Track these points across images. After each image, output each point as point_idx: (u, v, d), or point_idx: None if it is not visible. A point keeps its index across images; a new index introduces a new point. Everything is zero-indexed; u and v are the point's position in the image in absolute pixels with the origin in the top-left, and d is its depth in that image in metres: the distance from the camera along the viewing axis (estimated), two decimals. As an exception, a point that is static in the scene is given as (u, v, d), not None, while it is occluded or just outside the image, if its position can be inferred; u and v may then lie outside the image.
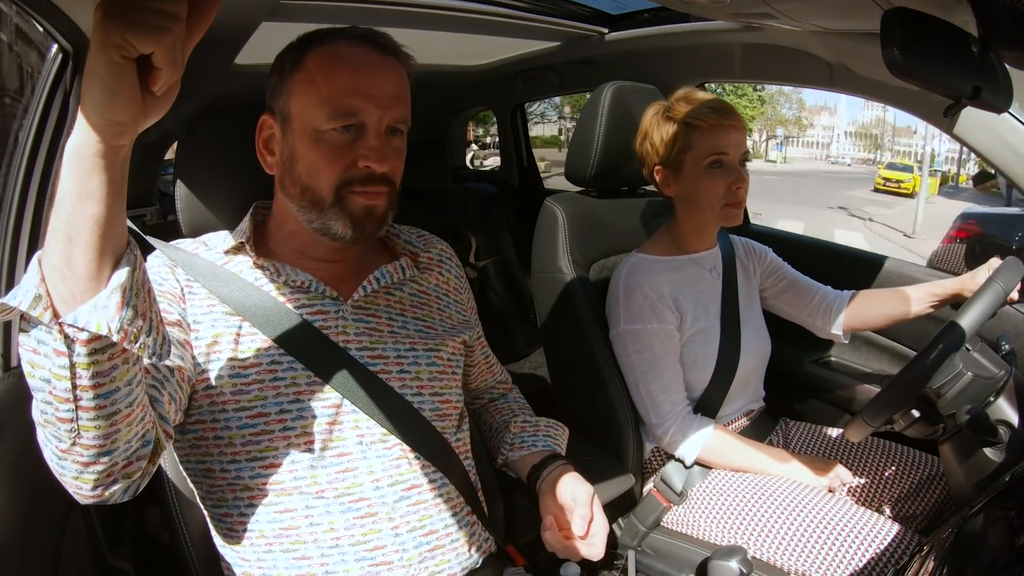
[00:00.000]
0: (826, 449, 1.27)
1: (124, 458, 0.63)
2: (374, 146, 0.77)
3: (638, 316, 1.19)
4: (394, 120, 0.80)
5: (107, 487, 0.64)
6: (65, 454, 0.60)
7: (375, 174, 0.78)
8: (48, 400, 0.57)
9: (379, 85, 0.78)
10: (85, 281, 0.53)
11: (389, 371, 0.83)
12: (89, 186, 0.52)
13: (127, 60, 0.49)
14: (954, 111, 0.77)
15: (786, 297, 1.37)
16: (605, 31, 1.63)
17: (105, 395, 0.57)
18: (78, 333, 0.54)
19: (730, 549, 0.83)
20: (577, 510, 0.85)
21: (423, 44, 1.65)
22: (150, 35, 0.48)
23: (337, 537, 0.76)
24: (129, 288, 0.55)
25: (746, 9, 0.91)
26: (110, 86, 0.49)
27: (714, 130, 1.17)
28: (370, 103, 0.77)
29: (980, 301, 0.94)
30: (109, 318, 0.54)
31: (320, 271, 0.84)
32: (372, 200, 0.80)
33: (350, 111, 0.76)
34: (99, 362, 0.56)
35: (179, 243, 0.85)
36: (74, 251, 0.53)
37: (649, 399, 1.20)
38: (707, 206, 1.20)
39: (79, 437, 0.59)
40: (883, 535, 1.00)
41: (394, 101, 0.79)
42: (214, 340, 0.77)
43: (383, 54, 0.79)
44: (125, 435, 0.61)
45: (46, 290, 0.53)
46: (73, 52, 0.99)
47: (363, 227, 0.80)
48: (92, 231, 0.53)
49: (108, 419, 0.59)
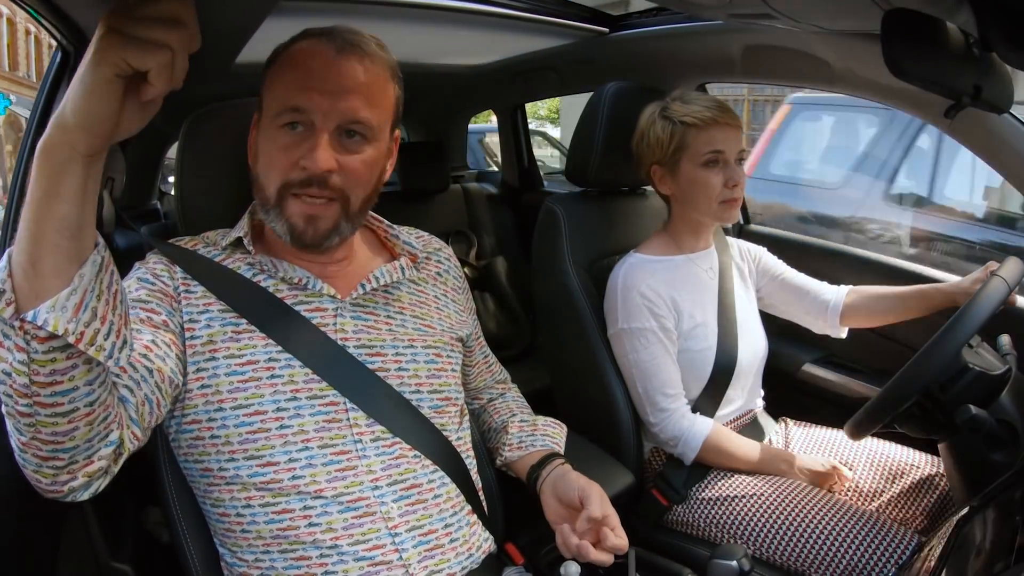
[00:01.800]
0: (826, 449, 1.27)
1: (84, 456, 0.63)
2: (314, 144, 0.74)
3: (635, 316, 1.19)
4: (346, 118, 0.75)
5: (66, 483, 0.64)
6: (25, 447, 0.61)
7: (314, 176, 0.75)
8: (8, 393, 0.58)
9: (328, 81, 0.75)
10: (49, 279, 0.53)
11: (387, 368, 0.83)
12: (58, 186, 0.52)
13: (119, 78, 0.49)
14: (954, 111, 0.77)
15: (782, 297, 1.37)
16: (606, 31, 1.63)
17: (63, 393, 0.58)
18: (36, 331, 0.54)
19: (730, 548, 0.83)
20: (590, 509, 0.82)
21: (423, 44, 1.66)
22: (148, 53, 0.48)
23: (336, 537, 0.75)
24: (90, 290, 0.55)
25: (746, 9, 0.91)
26: (94, 99, 0.50)
27: (709, 128, 1.17)
28: (316, 99, 0.74)
29: (983, 300, 0.93)
30: (67, 319, 0.54)
31: (318, 269, 0.84)
32: (312, 209, 0.76)
33: (296, 107, 0.75)
34: (56, 360, 0.56)
35: (178, 240, 0.85)
36: (39, 250, 0.53)
37: (647, 398, 1.20)
38: (703, 204, 1.21)
39: (37, 432, 0.59)
40: (883, 535, 1.00)
41: (346, 98, 0.75)
42: (210, 339, 0.77)
43: (341, 51, 0.76)
44: (84, 434, 0.61)
45: (11, 286, 0.53)
46: (74, 52, 0.99)
47: (301, 235, 0.78)
48: (58, 231, 0.53)
49: (66, 416, 0.59)
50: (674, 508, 1.20)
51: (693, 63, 1.58)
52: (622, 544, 0.80)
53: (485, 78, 2.12)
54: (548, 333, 1.43)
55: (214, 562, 0.83)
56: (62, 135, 0.52)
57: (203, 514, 0.82)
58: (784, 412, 1.41)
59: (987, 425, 0.88)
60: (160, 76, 0.50)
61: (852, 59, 1.19)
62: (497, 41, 1.72)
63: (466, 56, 1.92)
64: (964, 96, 0.75)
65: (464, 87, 2.36)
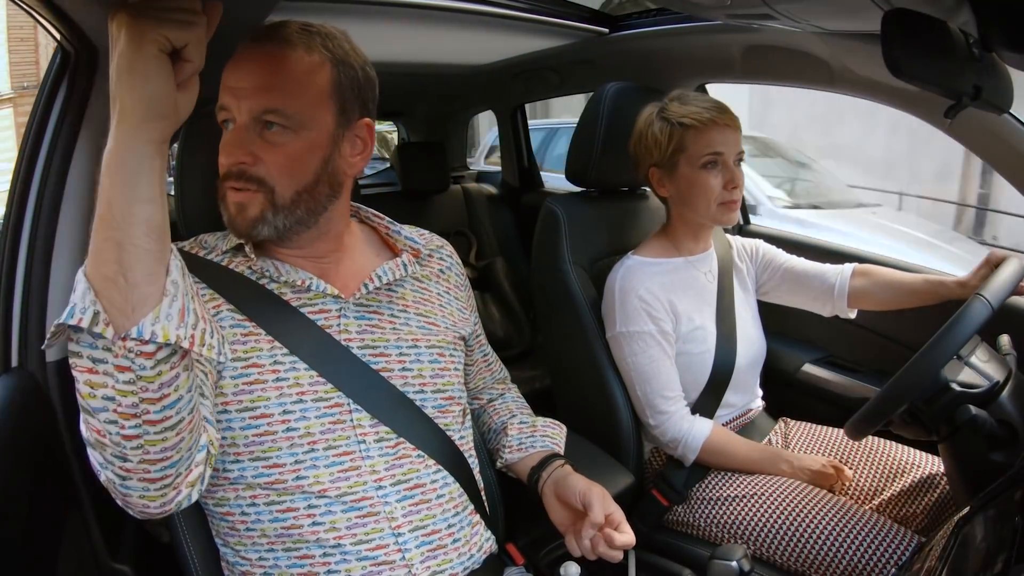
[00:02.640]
0: (826, 449, 1.27)
1: (186, 467, 0.63)
2: (225, 139, 0.75)
3: (633, 319, 1.19)
4: (257, 110, 0.73)
5: (173, 500, 0.64)
6: (130, 473, 0.59)
7: (230, 170, 0.75)
8: (112, 419, 0.55)
9: (240, 76, 0.74)
10: (142, 287, 0.53)
11: (391, 369, 0.83)
12: (136, 190, 0.52)
13: (163, 54, 0.51)
14: (955, 111, 0.77)
15: (787, 287, 1.37)
16: (605, 31, 1.63)
17: (171, 405, 0.57)
18: (142, 347, 0.53)
19: (730, 548, 0.83)
20: (592, 515, 0.82)
21: (423, 44, 1.66)
22: (183, 29, 0.51)
23: (339, 537, 0.76)
24: (186, 293, 0.55)
25: (746, 9, 0.91)
26: (150, 79, 0.51)
27: (708, 130, 1.17)
28: (229, 95, 0.75)
29: (960, 325, 0.91)
30: (175, 326, 0.53)
31: (320, 269, 0.84)
32: (237, 197, 0.75)
33: (222, 106, 0.76)
34: (162, 372, 0.55)
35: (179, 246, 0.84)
36: (127, 258, 0.52)
37: (647, 401, 1.20)
38: (702, 206, 1.20)
39: (145, 453, 0.58)
40: (883, 535, 1.00)
41: (256, 90, 0.73)
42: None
43: (257, 43, 0.74)
44: (188, 443, 0.61)
45: (102, 305, 0.52)
46: (74, 53, 0.99)
47: (232, 223, 0.78)
48: (145, 235, 0.52)
49: (174, 429, 0.58)
50: (674, 508, 1.21)
51: (693, 63, 1.58)
52: (629, 540, 0.80)
53: (485, 78, 2.12)
54: (548, 333, 1.43)
55: (214, 562, 0.83)
56: (131, 134, 0.51)
57: (204, 514, 0.82)
58: (784, 412, 1.41)
59: (987, 425, 0.88)
60: (197, 50, 0.52)
61: (852, 59, 1.19)
62: (497, 41, 1.72)
63: (466, 56, 1.92)
64: (964, 96, 0.75)
65: (464, 87, 2.36)
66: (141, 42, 0.49)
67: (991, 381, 0.92)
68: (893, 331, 1.45)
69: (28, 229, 0.98)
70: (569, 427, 1.07)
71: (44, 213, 0.98)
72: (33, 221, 0.98)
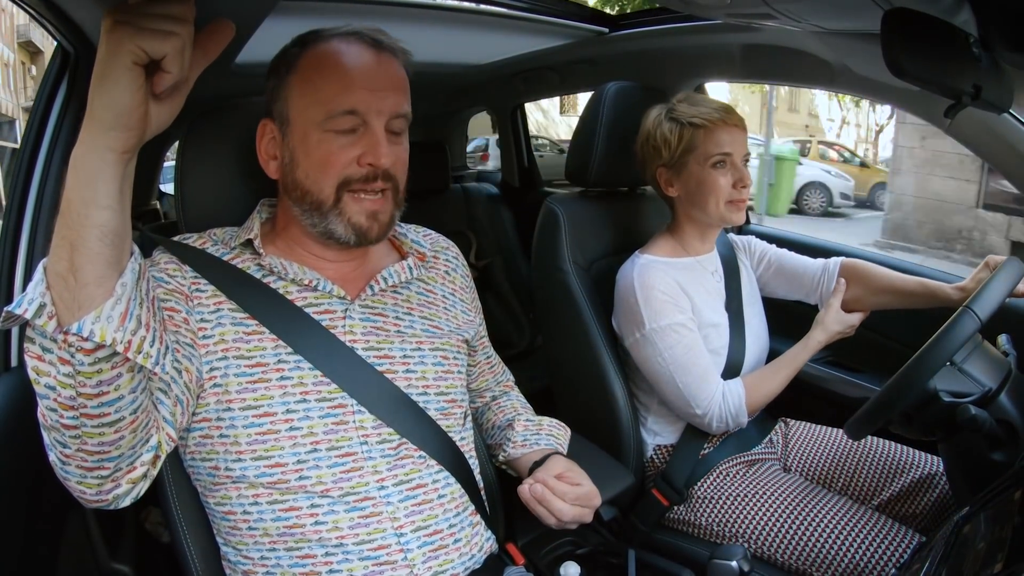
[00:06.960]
0: (826, 448, 1.27)
1: (128, 463, 0.64)
2: (375, 141, 0.77)
3: (662, 313, 1.18)
4: (394, 115, 0.79)
5: (110, 491, 0.64)
6: (69, 459, 0.60)
7: (377, 171, 0.78)
8: (52, 407, 0.57)
9: (375, 80, 0.77)
10: (91, 288, 0.53)
11: (395, 371, 0.83)
12: (95, 193, 0.52)
13: (138, 66, 0.50)
14: (954, 111, 0.77)
15: (780, 281, 1.38)
16: (606, 31, 1.63)
17: (109, 403, 0.57)
18: (82, 343, 0.53)
19: (730, 548, 0.83)
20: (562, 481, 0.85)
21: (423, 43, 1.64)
22: (161, 40, 0.49)
23: (341, 536, 0.76)
24: (133, 298, 0.55)
25: (746, 9, 0.91)
26: (119, 89, 0.50)
27: (718, 130, 1.17)
28: (367, 99, 0.76)
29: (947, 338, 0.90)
30: (113, 328, 0.54)
31: (327, 270, 0.84)
32: (374, 205, 0.79)
33: (348, 109, 0.76)
34: (102, 371, 0.56)
35: (185, 238, 0.84)
36: (79, 259, 0.52)
37: (688, 392, 1.17)
38: (711, 205, 1.20)
39: (83, 443, 0.59)
40: (883, 535, 1.00)
41: (392, 96, 0.78)
42: (221, 338, 0.77)
43: (379, 50, 0.79)
44: (129, 441, 0.62)
45: (51, 299, 0.53)
46: (74, 54, 0.99)
47: (367, 232, 0.80)
48: (98, 239, 0.53)
49: (112, 426, 0.59)
50: (674, 508, 1.21)
51: (693, 63, 1.58)
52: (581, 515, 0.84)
53: (485, 78, 2.12)
54: (548, 333, 1.43)
55: (214, 562, 0.83)
56: (95, 138, 0.52)
57: (204, 513, 0.82)
58: (784, 412, 1.41)
59: (987, 425, 0.87)
60: (175, 62, 0.51)
61: (852, 59, 1.19)
62: (497, 41, 1.73)
63: (466, 56, 1.92)
64: (964, 96, 0.75)
65: (464, 87, 2.36)
66: (117, 51, 0.49)
67: (983, 387, 0.92)
68: (894, 331, 1.45)
69: (28, 229, 0.98)
70: (570, 426, 1.07)
71: (44, 213, 0.98)
72: (33, 221, 0.98)
